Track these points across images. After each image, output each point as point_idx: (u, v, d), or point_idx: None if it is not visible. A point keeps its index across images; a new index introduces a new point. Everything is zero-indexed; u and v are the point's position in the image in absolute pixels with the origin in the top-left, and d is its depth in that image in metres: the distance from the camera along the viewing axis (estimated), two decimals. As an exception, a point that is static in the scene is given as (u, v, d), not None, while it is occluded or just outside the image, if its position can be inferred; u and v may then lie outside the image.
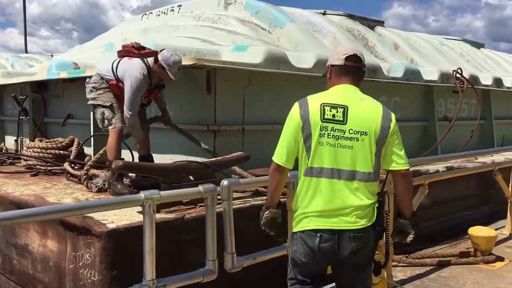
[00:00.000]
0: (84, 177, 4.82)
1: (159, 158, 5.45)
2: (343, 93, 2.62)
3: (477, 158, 7.05)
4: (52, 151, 6.50)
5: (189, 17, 8.39)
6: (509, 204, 6.09)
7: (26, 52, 28.53)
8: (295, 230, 2.67)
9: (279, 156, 2.63)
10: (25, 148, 7.85)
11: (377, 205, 2.59)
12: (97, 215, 3.88)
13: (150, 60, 4.72)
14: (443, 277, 4.63)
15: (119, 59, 4.81)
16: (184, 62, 5.03)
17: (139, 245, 3.25)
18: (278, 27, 7.61)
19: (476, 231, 5.19)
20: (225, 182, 3.35)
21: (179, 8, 9.19)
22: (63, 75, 6.85)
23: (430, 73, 7.75)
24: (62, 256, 4.06)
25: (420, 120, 7.94)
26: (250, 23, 7.76)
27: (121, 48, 5.04)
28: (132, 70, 4.60)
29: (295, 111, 2.61)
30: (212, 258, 3.28)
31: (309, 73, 6.00)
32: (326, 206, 2.54)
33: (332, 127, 2.52)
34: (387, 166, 2.60)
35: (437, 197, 6.70)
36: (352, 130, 2.52)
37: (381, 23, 9.60)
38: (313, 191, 2.56)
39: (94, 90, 4.76)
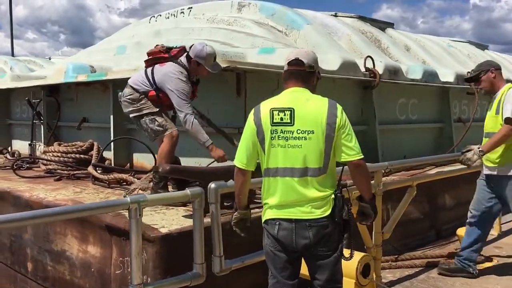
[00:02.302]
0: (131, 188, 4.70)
1: (185, 162, 5.41)
2: (290, 96, 2.77)
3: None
4: (73, 155, 6.43)
5: (202, 20, 8.36)
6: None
7: (13, 55, 28.18)
8: (263, 223, 2.84)
9: (240, 160, 2.84)
10: (39, 152, 7.76)
11: (333, 197, 2.70)
12: (144, 219, 3.85)
13: (183, 59, 4.56)
14: (432, 278, 4.63)
15: (151, 68, 4.58)
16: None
17: (190, 249, 3.27)
18: (295, 29, 7.62)
19: (464, 231, 5.05)
20: (212, 185, 3.30)
21: (190, 11, 9.15)
22: (82, 78, 6.77)
23: (446, 75, 7.84)
24: (107, 262, 4.00)
25: (436, 121, 8.00)
26: (266, 25, 7.76)
27: (146, 57, 4.76)
28: (170, 75, 4.42)
29: (250, 118, 2.81)
30: (200, 262, 3.25)
31: (334, 75, 6.02)
32: (284, 200, 2.71)
33: (281, 129, 2.68)
34: (339, 158, 2.72)
35: (460, 198, 6.79)
36: (299, 130, 2.66)
37: (391, 25, 9.68)
38: (272, 189, 2.75)
39: (135, 102, 4.51)
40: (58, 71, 7.34)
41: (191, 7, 9.10)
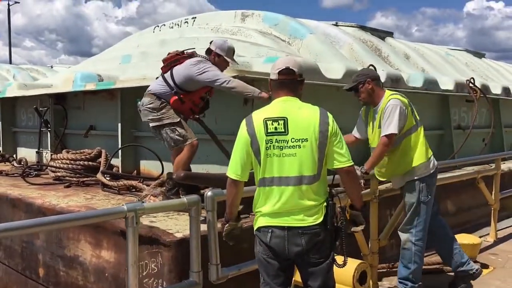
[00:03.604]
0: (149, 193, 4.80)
1: (194, 169, 5.51)
2: (282, 105, 2.82)
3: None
4: (81, 162, 6.54)
5: (207, 29, 8.49)
6: (492, 211, 6.16)
7: (11, 63, 28.28)
8: (255, 231, 2.91)
9: (234, 171, 2.85)
10: (45, 159, 7.86)
11: (325, 204, 2.78)
12: (159, 225, 3.96)
13: (201, 55, 4.65)
14: (428, 286, 4.63)
15: (169, 71, 4.65)
16: (226, 73, 5.15)
17: (205, 254, 3.36)
18: (297, 39, 7.76)
19: (461, 238, 5.08)
20: (209, 193, 3.31)
21: (194, 20, 9.28)
22: (90, 87, 6.88)
23: (446, 83, 7.98)
24: (121, 267, 4.09)
25: (436, 128, 8.14)
26: (270, 35, 7.90)
27: (162, 64, 4.83)
28: (191, 64, 4.46)
29: (243, 129, 2.83)
30: (196, 270, 3.26)
31: (339, 84, 6.15)
32: (279, 208, 2.76)
33: (276, 139, 2.73)
34: (331, 165, 2.80)
35: (462, 203, 6.93)
36: (294, 138, 2.72)
37: (390, 34, 9.85)
38: (266, 197, 2.80)
39: (155, 111, 4.53)
40: (66, 80, 7.46)
41: (195, 17, 9.24)
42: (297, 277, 3.05)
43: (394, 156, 4.14)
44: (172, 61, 4.74)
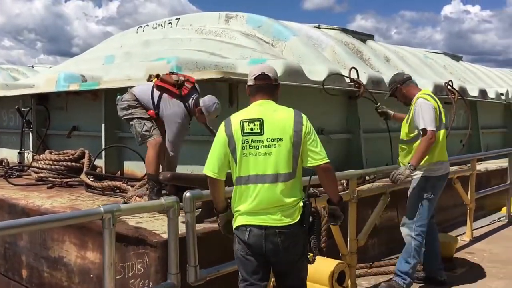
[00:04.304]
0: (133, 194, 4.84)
1: (179, 169, 5.55)
2: (258, 108, 2.96)
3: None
4: (64, 163, 6.50)
5: (191, 30, 8.54)
6: (468, 211, 6.31)
7: (-11, 62, 27.80)
8: (234, 230, 2.98)
9: (211, 170, 2.96)
10: (27, 160, 7.78)
11: (301, 204, 2.89)
12: (145, 225, 3.99)
13: (190, 102, 4.73)
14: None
15: (159, 93, 4.72)
16: (212, 76, 5.21)
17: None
18: (281, 41, 7.87)
19: (440, 237, 5.08)
20: (187, 194, 3.31)
21: (177, 21, 9.32)
22: (74, 87, 6.85)
23: (425, 85, 8.13)
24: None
25: (416, 129, 8.31)
26: (254, 37, 7.99)
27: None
28: (174, 117, 4.64)
29: (221, 129, 2.95)
30: (174, 272, 3.24)
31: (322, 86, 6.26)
32: (255, 207, 2.85)
33: (252, 139, 2.85)
34: (306, 163, 2.90)
35: (441, 202, 7.09)
36: (269, 138, 2.84)
37: (371, 37, 10.02)
38: (245, 196, 2.88)
39: (130, 109, 4.69)
40: (49, 80, 7.41)
41: (179, 18, 9.27)
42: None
43: (414, 150, 4.39)
44: (167, 88, 4.74)
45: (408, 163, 4.32)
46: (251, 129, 2.86)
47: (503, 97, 10.84)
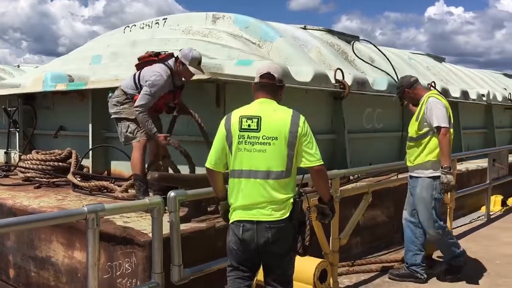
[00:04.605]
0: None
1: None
2: (258, 106, 3.07)
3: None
4: (51, 163, 6.51)
5: (178, 31, 8.56)
6: (448, 210, 6.41)
7: (-27, 61, 27.42)
8: (229, 223, 3.12)
9: (209, 161, 3.13)
10: (13, 160, 7.76)
11: (292, 201, 3.00)
12: (132, 225, 4.05)
13: (171, 61, 4.77)
14: (387, 282, 4.84)
15: (139, 71, 4.83)
16: (199, 77, 5.26)
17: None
18: (267, 42, 7.94)
19: None
20: (171, 193, 3.36)
21: (165, 22, 9.32)
22: (61, 87, 6.86)
23: (408, 87, 8.31)
24: (95, 266, 4.14)
25: (399, 130, 8.47)
26: (241, 38, 8.05)
27: (136, 61, 5.04)
28: (153, 73, 4.64)
29: (222, 124, 3.09)
30: (158, 271, 3.26)
31: (308, 87, 6.37)
32: (247, 201, 2.96)
33: (248, 135, 2.96)
34: (299, 164, 3.00)
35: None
36: (265, 136, 2.94)
37: (357, 38, 10.14)
38: (237, 190, 3.01)
39: (118, 105, 4.77)
40: (36, 80, 7.39)
41: (166, 18, 9.28)
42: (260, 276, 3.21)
43: (422, 148, 4.65)
44: (146, 61, 4.90)
45: (442, 167, 4.54)
46: (249, 125, 2.97)
47: (484, 98, 11.08)
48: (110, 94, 4.93)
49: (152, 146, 4.93)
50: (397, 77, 8.17)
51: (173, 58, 4.81)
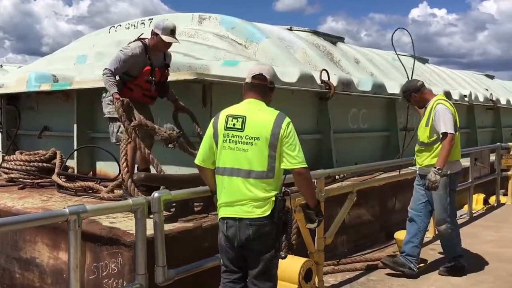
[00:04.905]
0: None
1: (152, 170, 5.59)
2: (246, 106, 3.12)
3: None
4: (35, 163, 6.45)
5: (164, 31, 8.54)
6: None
7: (-46, 61, 27.00)
8: (218, 220, 3.17)
9: (197, 158, 3.22)
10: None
11: (273, 199, 3.04)
12: (119, 225, 4.04)
13: (147, 40, 4.78)
14: (372, 280, 4.86)
15: None
16: (186, 77, 5.28)
17: (166, 253, 3.45)
18: (254, 42, 7.99)
19: (401, 235, 5.35)
20: (155, 194, 3.33)
21: (150, 22, 9.29)
22: (45, 87, 6.80)
23: (392, 87, 8.44)
24: (80, 267, 4.11)
25: (383, 130, 8.58)
26: (227, 38, 8.07)
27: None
28: (124, 45, 4.68)
29: (211, 122, 3.17)
30: (142, 272, 3.24)
31: (293, 87, 6.42)
32: (229, 198, 3.03)
33: (232, 134, 3.02)
34: (280, 165, 3.03)
35: (407, 201, 7.35)
36: (248, 136, 2.99)
37: (342, 39, 10.24)
38: (221, 187, 3.09)
39: (111, 104, 4.70)
40: (19, 80, 7.32)
41: (152, 18, 9.25)
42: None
43: (432, 151, 4.88)
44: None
45: (434, 167, 4.69)
46: (234, 124, 3.03)
47: (466, 99, 11.27)
48: (103, 94, 4.88)
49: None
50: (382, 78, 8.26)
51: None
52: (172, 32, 4.69)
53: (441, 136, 4.73)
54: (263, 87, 3.15)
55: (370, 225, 6.64)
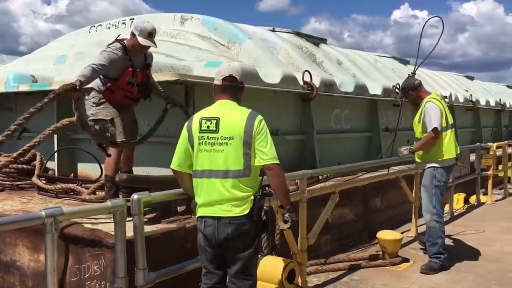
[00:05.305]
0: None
1: (135, 171, 5.53)
2: (218, 107, 3.18)
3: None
4: (14, 165, 6.33)
5: (145, 31, 8.47)
6: (413, 208, 6.63)
7: None
8: (196, 219, 3.21)
9: (173, 163, 3.25)
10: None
11: (252, 198, 3.07)
12: (101, 227, 3.99)
13: (126, 41, 4.71)
14: (355, 280, 4.92)
15: None
16: (168, 78, 5.25)
17: (148, 254, 3.40)
18: (236, 44, 7.97)
19: (384, 234, 5.45)
20: (135, 196, 3.29)
21: (131, 22, 9.20)
22: (24, 88, 6.69)
23: (374, 88, 8.52)
24: (61, 270, 4.07)
25: (366, 131, 8.66)
26: (209, 39, 8.05)
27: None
28: (105, 48, 4.57)
29: (185, 126, 3.20)
30: (122, 275, 3.21)
31: (276, 88, 6.43)
32: (208, 199, 3.08)
33: (208, 136, 3.08)
34: (254, 162, 3.09)
35: (389, 201, 7.44)
36: (223, 136, 3.05)
37: (324, 40, 10.30)
38: (200, 189, 3.12)
39: (95, 106, 4.64)
40: (-1, 80, 7.18)
41: (133, 18, 9.16)
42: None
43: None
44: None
45: (410, 147, 5.40)
46: (208, 126, 3.07)
47: (446, 100, 11.41)
48: (86, 96, 4.77)
49: (127, 153, 4.84)
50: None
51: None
52: (149, 35, 4.63)
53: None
54: (235, 87, 3.21)
55: (353, 224, 6.69)
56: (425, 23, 6.66)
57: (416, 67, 6.21)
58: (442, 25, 6.59)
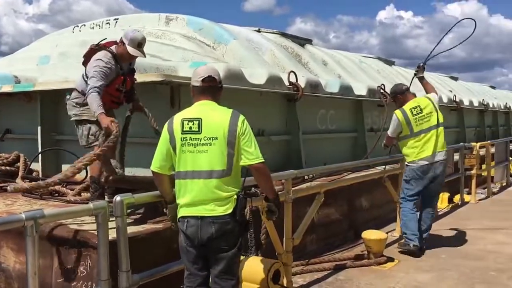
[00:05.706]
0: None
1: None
2: (199, 108, 3.18)
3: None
4: (-2, 167, 6.26)
5: (130, 31, 8.43)
6: (397, 208, 6.57)
7: None
8: (178, 221, 3.19)
9: (153, 164, 3.22)
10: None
11: (235, 197, 3.08)
12: (87, 227, 3.96)
13: (113, 47, 4.65)
14: (340, 280, 4.92)
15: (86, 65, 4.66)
16: (153, 79, 5.23)
17: (134, 256, 3.38)
18: (222, 44, 7.98)
19: (369, 234, 5.47)
20: (117, 197, 3.25)
21: (116, 22, 9.18)
22: (7, 89, 6.61)
23: (359, 89, 8.59)
24: (47, 271, 4.04)
25: (351, 131, 8.73)
26: (195, 39, 8.04)
27: (73, 67, 4.91)
28: (94, 59, 4.48)
29: (165, 127, 3.18)
30: (104, 278, 3.18)
31: (262, 89, 6.45)
32: (192, 199, 3.07)
33: (190, 137, 3.07)
34: (239, 162, 3.11)
35: (374, 200, 7.51)
36: (206, 137, 3.05)
37: (310, 41, 10.36)
38: (183, 190, 3.10)
39: (78, 106, 4.60)
40: (-20, 81, 7.07)
41: (117, 18, 9.13)
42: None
43: (402, 146, 5.97)
44: (88, 55, 4.72)
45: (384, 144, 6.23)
46: (190, 127, 3.06)
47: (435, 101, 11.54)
48: (67, 96, 4.75)
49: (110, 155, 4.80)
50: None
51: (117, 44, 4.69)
52: (139, 45, 4.62)
53: (408, 134, 5.84)
54: (214, 88, 3.22)
55: (339, 224, 6.74)
56: (456, 23, 6.86)
57: (422, 64, 6.70)
58: (474, 27, 6.72)
